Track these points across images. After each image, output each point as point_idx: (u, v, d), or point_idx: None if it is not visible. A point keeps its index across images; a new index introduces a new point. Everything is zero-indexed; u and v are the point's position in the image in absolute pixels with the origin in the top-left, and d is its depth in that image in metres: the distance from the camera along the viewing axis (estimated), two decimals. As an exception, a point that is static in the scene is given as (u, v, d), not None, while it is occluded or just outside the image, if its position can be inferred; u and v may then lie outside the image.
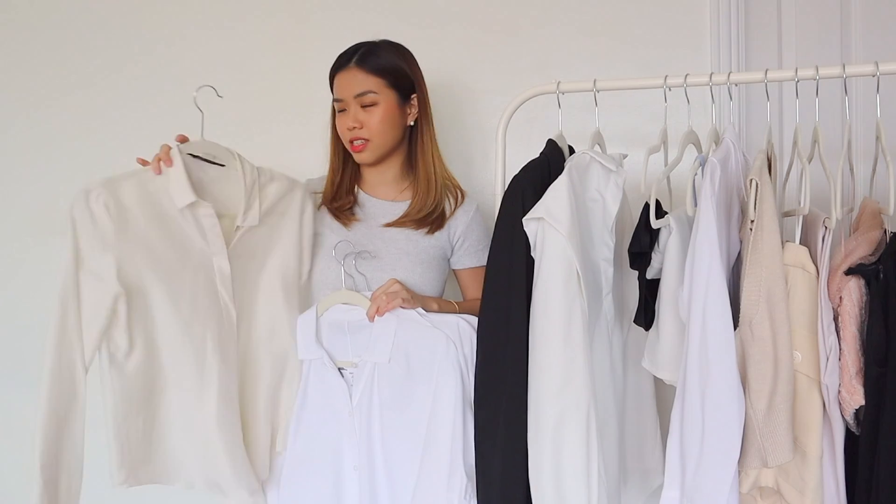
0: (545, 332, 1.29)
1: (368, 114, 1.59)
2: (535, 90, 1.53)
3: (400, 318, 1.45)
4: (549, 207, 1.29)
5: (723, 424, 1.22)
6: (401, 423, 1.44)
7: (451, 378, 1.40)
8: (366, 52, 1.61)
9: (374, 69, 1.59)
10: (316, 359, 1.48)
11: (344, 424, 1.47)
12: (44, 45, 2.30)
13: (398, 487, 1.44)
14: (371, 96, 1.58)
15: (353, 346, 1.48)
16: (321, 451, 1.48)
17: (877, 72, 1.30)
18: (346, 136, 1.61)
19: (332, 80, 1.64)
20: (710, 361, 1.22)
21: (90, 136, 2.27)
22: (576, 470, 1.28)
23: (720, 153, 1.31)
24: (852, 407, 1.22)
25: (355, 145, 1.61)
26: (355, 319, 1.48)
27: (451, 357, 1.41)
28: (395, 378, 1.44)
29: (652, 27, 1.91)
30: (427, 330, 1.43)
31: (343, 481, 1.48)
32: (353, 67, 1.60)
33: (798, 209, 1.32)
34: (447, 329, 1.43)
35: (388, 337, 1.44)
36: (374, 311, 1.45)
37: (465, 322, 1.45)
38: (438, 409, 1.41)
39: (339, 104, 1.62)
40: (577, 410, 1.27)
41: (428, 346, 1.43)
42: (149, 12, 2.22)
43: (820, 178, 1.33)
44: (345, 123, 1.60)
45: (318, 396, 1.48)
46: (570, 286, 1.28)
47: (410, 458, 1.43)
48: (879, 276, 1.21)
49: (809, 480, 1.25)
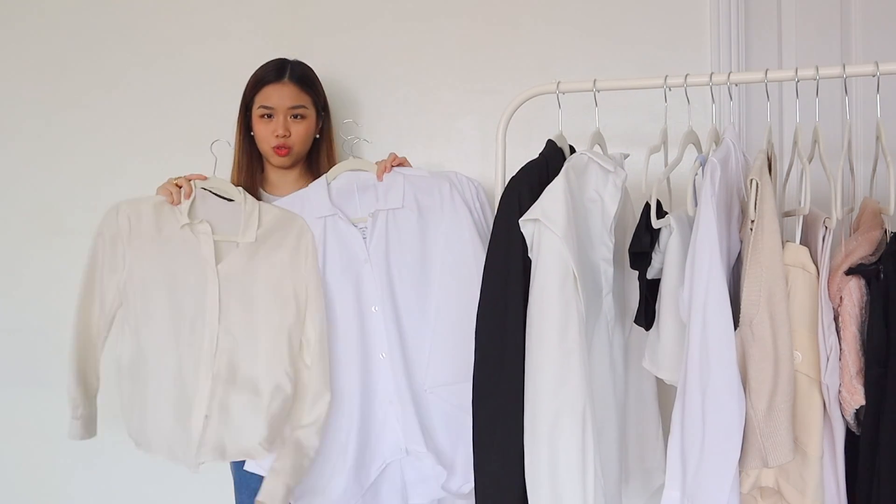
0: (541, 332, 1.30)
1: (297, 125, 1.79)
2: (535, 90, 1.53)
3: (405, 174, 1.66)
4: (546, 209, 1.30)
5: (723, 424, 1.22)
6: (416, 262, 1.62)
7: (462, 215, 1.61)
8: (298, 69, 1.81)
9: (305, 86, 1.80)
10: (330, 216, 1.64)
11: (363, 270, 1.62)
12: (43, 49, 2.30)
13: (419, 322, 1.61)
14: (303, 110, 1.79)
15: (362, 204, 1.67)
16: (342, 297, 1.61)
17: (877, 72, 1.30)
18: (272, 141, 1.78)
19: (259, 89, 1.79)
20: (710, 361, 1.22)
21: (92, 139, 2.27)
22: (571, 468, 1.28)
23: (720, 153, 1.31)
24: (853, 407, 1.22)
25: (279, 150, 1.78)
26: (363, 180, 1.68)
27: (457, 196, 1.63)
28: (408, 222, 1.62)
29: (652, 27, 1.91)
30: (431, 178, 1.66)
31: (366, 321, 1.62)
32: (287, 82, 1.78)
33: (798, 209, 1.32)
34: (448, 176, 1.66)
35: (398, 187, 1.64)
36: (382, 169, 1.67)
37: (460, 173, 1.67)
38: (454, 242, 1.60)
39: (266, 110, 1.77)
40: (572, 410, 1.28)
41: (435, 191, 1.64)
42: (153, 18, 2.23)
43: (820, 178, 1.33)
44: (273, 130, 1.77)
45: (336, 249, 1.63)
46: (566, 287, 1.29)
47: (428, 293, 1.61)
48: (880, 276, 1.21)
49: (810, 480, 1.25)
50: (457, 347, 1.58)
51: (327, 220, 1.64)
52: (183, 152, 2.18)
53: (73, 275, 1.59)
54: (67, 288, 2.24)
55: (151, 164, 2.22)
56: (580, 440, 1.28)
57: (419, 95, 2.07)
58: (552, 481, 1.29)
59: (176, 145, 2.20)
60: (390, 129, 2.10)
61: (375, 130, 2.10)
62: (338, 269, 1.63)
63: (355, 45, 2.09)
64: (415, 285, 1.61)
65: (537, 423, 1.30)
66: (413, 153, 2.08)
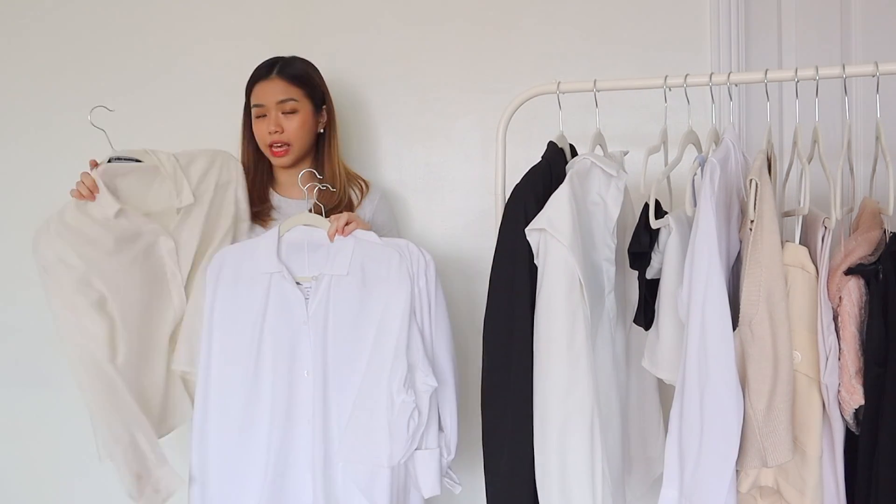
0: (549, 340, 1.32)
1: (289, 120, 1.75)
2: (535, 90, 1.53)
3: (357, 238, 1.60)
4: (551, 218, 1.31)
5: (721, 424, 1.22)
6: (353, 332, 1.57)
7: (403, 289, 1.55)
8: (284, 64, 1.78)
9: (294, 80, 1.76)
10: (276, 272, 1.59)
11: (299, 333, 1.58)
12: (46, 52, 2.30)
13: (347, 390, 1.56)
14: (292, 103, 1.75)
15: (311, 263, 1.61)
16: (276, 356, 1.58)
17: (876, 72, 1.30)
18: (267, 139, 1.75)
19: (251, 89, 1.78)
20: (709, 361, 1.22)
21: (90, 132, 2.27)
22: (580, 472, 1.30)
23: (720, 153, 1.31)
24: (852, 407, 1.22)
25: (276, 150, 1.76)
26: (315, 238, 1.62)
27: (404, 270, 1.56)
28: (351, 290, 1.57)
29: (652, 27, 1.91)
30: (382, 247, 1.60)
31: (296, 385, 1.58)
32: (275, 77, 1.76)
33: (798, 209, 1.32)
34: (400, 247, 1.59)
35: (347, 252, 1.59)
36: (334, 230, 1.60)
37: (413, 244, 1.60)
38: (388, 318, 1.54)
39: (258, 110, 1.76)
40: (581, 415, 1.30)
41: (384, 261, 1.58)
42: (154, 21, 2.23)
43: (819, 178, 1.33)
44: (266, 128, 1.74)
45: (277, 307, 1.60)
46: (572, 295, 1.31)
47: (360, 363, 1.56)
48: (879, 276, 1.21)
49: (809, 480, 1.25)
50: (370, 424, 1.53)
51: (273, 276, 1.59)
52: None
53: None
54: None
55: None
56: (589, 444, 1.30)
57: (419, 95, 2.07)
58: (562, 484, 1.31)
59: (176, 147, 2.20)
60: (391, 130, 2.10)
61: (376, 131, 2.11)
62: (277, 326, 1.58)
63: (356, 46, 2.10)
64: (349, 354, 1.57)
65: (547, 428, 1.32)
66: (413, 153, 2.09)
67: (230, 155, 1.78)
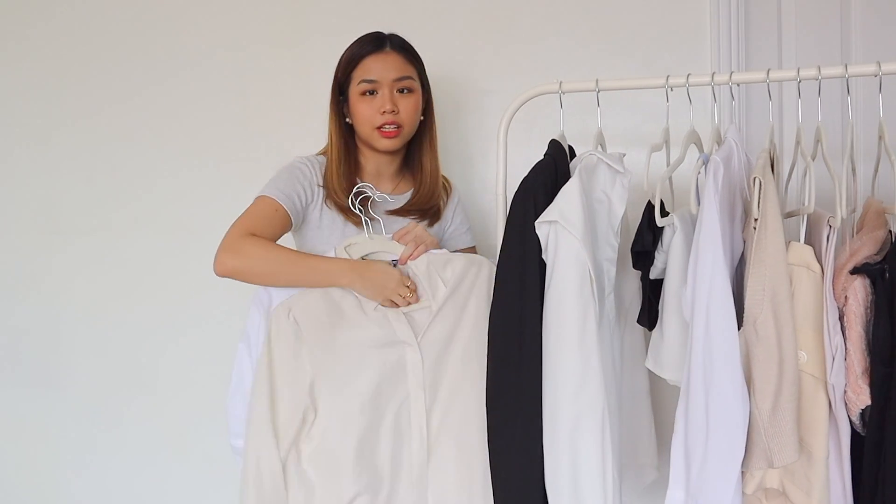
0: (560, 336, 1.30)
1: (405, 99, 1.58)
2: (536, 90, 1.52)
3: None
4: (563, 210, 1.29)
5: (727, 424, 1.21)
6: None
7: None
8: (400, 40, 1.61)
9: (411, 58, 1.61)
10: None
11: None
12: (49, 56, 2.29)
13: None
14: (410, 82, 1.58)
15: None
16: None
17: (879, 72, 1.30)
18: (378, 120, 1.55)
19: (357, 63, 1.58)
20: (714, 361, 1.21)
21: (90, 132, 2.26)
22: (592, 471, 1.29)
23: (723, 152, 1.30)
24: (858, 407, 1.21)
25: (387, 130, 1.56)
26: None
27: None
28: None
29: (652, 27, 1.91)
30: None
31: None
32: (391, 51, 1.58)
33: (802, 208, 1.32)
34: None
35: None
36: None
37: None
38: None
39: (367, 85, 1.56)
40: (592, 413, 1.28)
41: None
42: (154, 24, 2.22)
43: (822, 178, 1.33)
44: (379, 106, 1.55)
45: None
46: (584, 290, 1.28)
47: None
48: (885, 276, 1.21)
49: (815, 481, 1.24)
50: None
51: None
52: (185, 156, 2.19)
53: (79, 277, 1.56)
54: (72, 290, 2.25)
55: (153, 167, 2.23)
56: (600, 442, 1.29)
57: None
58: (573, 483, 1.30)
59: (176, 149, 2.20)
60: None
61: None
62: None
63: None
64: None
65: (558, 426, 1.30)
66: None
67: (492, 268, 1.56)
